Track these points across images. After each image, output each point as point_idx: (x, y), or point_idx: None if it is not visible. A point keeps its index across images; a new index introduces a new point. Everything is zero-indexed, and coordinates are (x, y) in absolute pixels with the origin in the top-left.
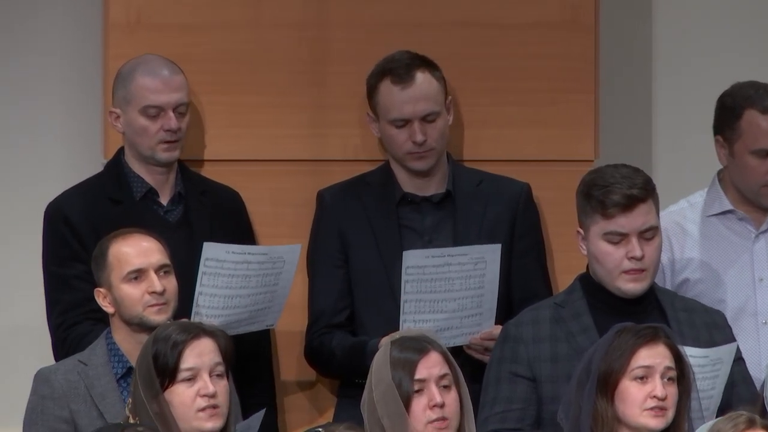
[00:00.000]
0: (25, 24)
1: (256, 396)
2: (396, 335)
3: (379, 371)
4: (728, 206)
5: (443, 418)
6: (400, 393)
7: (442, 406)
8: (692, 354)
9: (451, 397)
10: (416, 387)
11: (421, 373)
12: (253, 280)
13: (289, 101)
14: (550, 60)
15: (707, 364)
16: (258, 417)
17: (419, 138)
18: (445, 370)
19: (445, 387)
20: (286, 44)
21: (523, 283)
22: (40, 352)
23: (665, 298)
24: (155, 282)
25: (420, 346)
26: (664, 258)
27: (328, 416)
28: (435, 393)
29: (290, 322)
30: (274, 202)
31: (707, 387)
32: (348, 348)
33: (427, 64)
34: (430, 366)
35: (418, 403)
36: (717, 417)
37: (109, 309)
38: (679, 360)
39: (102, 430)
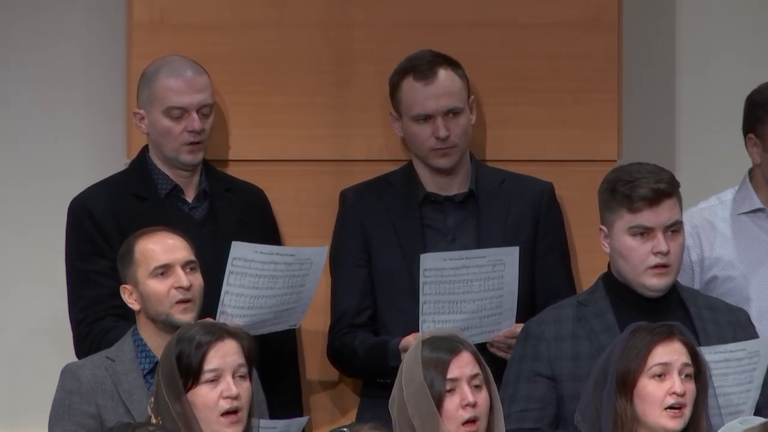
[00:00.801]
0: (49, 24)
1: (281, 395)
2: (426, 334)
3: (409, 370)
4: (759, 204)
5: (475, 418)
6: (432, 392)
7: (474, 405)
8: (729, 348)
9: (482, 397)
10: (448, 386)
11: (453, 372)
12: (280, 280)
13: (312, 101)
14: (573, 60)
15: (744, 357)
16: (300, 423)
17: (442, 133)
18: (477, 369)
19: (477, 387)
20: (309, 44)
21: (546, 282)
22: (62, 349)
23: (688, 296)
24: (182, 277)
25: (452, 345)
26: (694, 255)
27: (351, 416)
28: (467, 392)
29: (314, 322)
30: (297, 202)
31: (744, 381)
32: (370, 348)
33: (449, 62)
34: (463, 365)
35: (451, 403)
36: (754, 414)
37: (135, 306)
38: (695, 357)
39: (113, 430)
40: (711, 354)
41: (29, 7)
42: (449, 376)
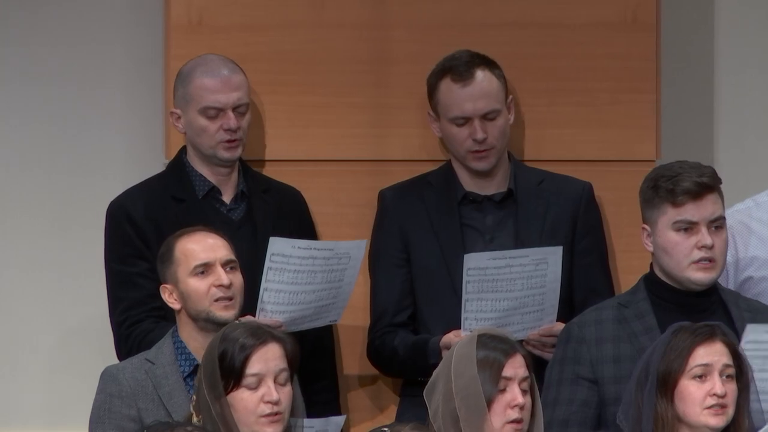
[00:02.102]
0: (87, 25)
1: (319, 393)
2: (479, 330)
3: (462, 363)
4: None
5: (520, 419)
6: (484, 389)
7: (522, 407)
8: None
9: (528, 401)
10: (501, 385)
11: (507, 372)
12: (318, 275)
13: (350, 101)
14: (611, 60)
15: None
16: (338, 422)
17: (480, 135)
18: (527, 373)
19: (524, 390)
20: (347, 44)
21: (584, 283)
22: (102, 351)
23: (729, 297)
24: (222, 275)
25: (507, 346)
26: (729, 256)
27: (390, 414)
28: (518, 393)
29: (351, 320)
30: (335, 202)
31: None
32: (410, 346)
33: (487, 62)
34: (517, 366)
35: (500, 401)
36: None
37: (175, 305)
38: (737, 357)
39: (151, 428)
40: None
41: (68, 8)
42: (503, 374)
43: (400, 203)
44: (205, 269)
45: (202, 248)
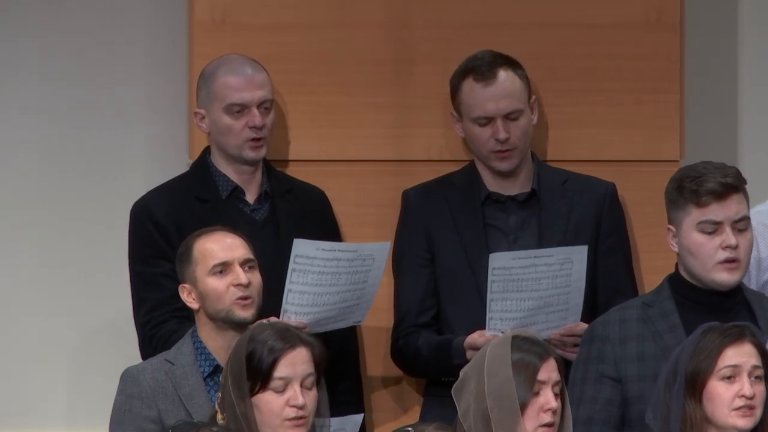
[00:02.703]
0: (110, 24)
1: (343, 394)
2: (513, 332)
3: (495, 363)
4: None
5: (552, 423)
6: (518, 392)
7: (555, 411)
8: None
9: (559, 404)
10: (535, 389)
11: (542, 375)
12: (342, 277)
13: (373, 101)
14: (635, 60)
15: None
16: (356, 421)
17: (502, 135)
18: (560, 377)
19: (556, 394)
20: (370, 44)
21: (607, 283)
22: (125, 351)
23: (753, 298)
24: (240, 274)
25: (542, 349)
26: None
27: (414, 415)
28: (551, 397)
29: (375, 321)
30: (358, 202)
31: None
32: (434, 346)
33: (509, 62)
34: (551, 370)
35: (534, 404)
36: None
37: (193, 305)
38: (765, 358)
39: (177, 428)
40: None
41: (91, 7)
42: (538, 378)
43: (423, 203)
44: (223, 268)
45: (220, 248)
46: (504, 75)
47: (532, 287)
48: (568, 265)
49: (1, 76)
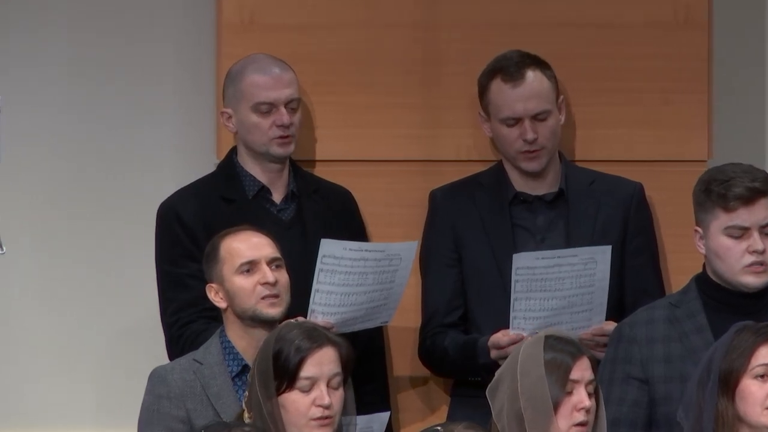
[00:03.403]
0: (138, 24)
1: (370, 394)
2: (546, 332)
3: (528, 363)
4: None
5: (586, 422)
6: (551, 391)
7: (588, 410)
8: None
9: (593, 403)
10: (568, 388)
11: (575, 375)
12: (369, 277)
13: (401, 101)
14: (662, 60)
15: None
16: (383, 419)
17: (530, 136)
18: (593, 376)
19: (590, 393)
20: (398, 44)
21: (635, 283)
22: (155, 351)
23: None
24: (267, 273)
25: (574, 349)
26: None
27: (441, 414)
28: (584, 396)
29: (403, 321)
30: (385, 202)
31: None
32: (460, 346)
33: (538, 62)
34: (584, 369)
35: (567, 403)
36: None
37: (221, 304)
38: None
39: (209, 428)
40: None
41: (119, 8)
42: (571, 377)
43: (451, 203)
44: (250, 267)
45: (247, 246)
46: (532, 75)
47: (555, 287)
48: (591, 265)
49: (30, 76)
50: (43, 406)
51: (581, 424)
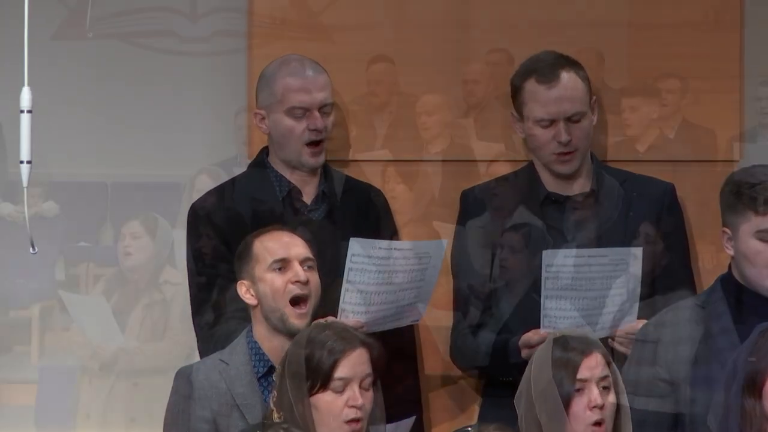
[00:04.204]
0: (170, 24)
1: (401, 394)
2: (558, 333)
3: (539, 368)
4: None
5: (602, 420)
6: (561, 392)
7: (602, 407)
8: None
9: (609, 399)
10: (577, 386)
11: (583, 373)
12: (399, 275)
13: (431, 101)
14: (694, 60)
15: None
16: (407, 424)
17: (564, 138)
18: (606, 371)
19: (605, 388)
20: (429, 45)
21: (667, 283)
22: (183, 351)
23: None
24: (299, 272)
25: (583, 346)
26: None
27: (472, 415)
28: (596, 394)
29: (433, 320)
30: (416, 201)
31: None
32: (492, 346)
33: (572, 63)
34: (593, 366)
35: (579, 403)
36: None
37: (251, 301)
38: None
39: (246, 431)
40: None
41: (151, 8)
42: (579, 376)
43: (482, 203)
44: (282, 265)
45: (280, 245)
46: (567, 77)
47: (586, 286)
48: (622, 266)
49: (65, 78)
50: (70, 406)
51: (596, 424)
